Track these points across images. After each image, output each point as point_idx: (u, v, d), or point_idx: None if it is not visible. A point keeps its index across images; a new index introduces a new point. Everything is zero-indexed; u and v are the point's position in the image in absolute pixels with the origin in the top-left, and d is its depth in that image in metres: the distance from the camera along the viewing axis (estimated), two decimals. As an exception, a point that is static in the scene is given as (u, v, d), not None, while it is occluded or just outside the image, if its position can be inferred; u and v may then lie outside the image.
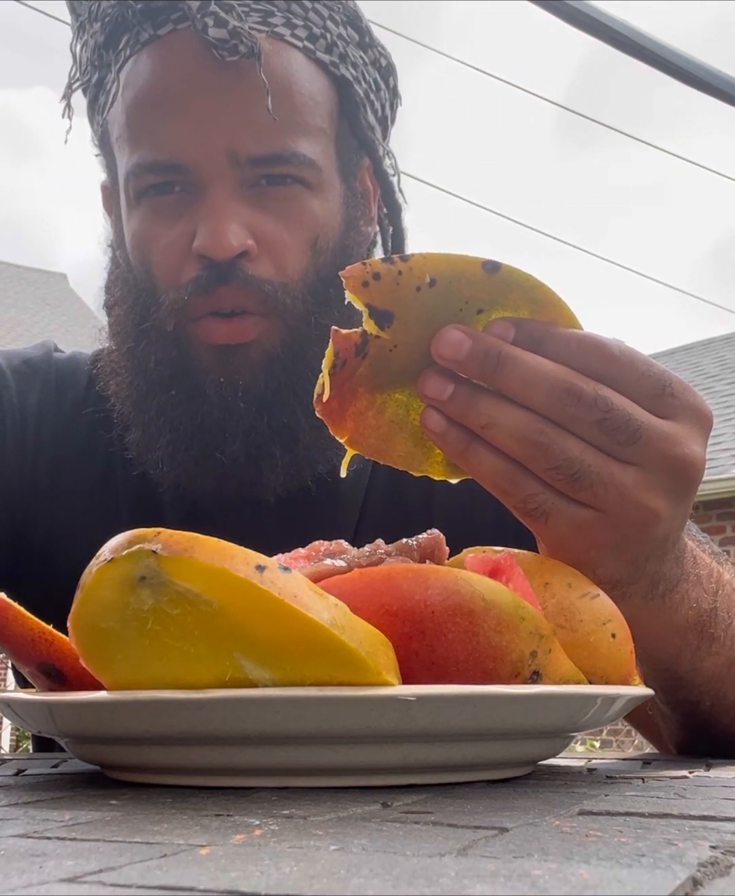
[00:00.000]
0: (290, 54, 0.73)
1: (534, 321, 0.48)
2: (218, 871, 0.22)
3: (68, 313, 14.49)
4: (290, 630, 0.35)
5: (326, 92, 0.76)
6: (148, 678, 0.36)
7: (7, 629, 0.43)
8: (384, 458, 0.51)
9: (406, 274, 0.46)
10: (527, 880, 0.21)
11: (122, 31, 0.74)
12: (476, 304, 0.47)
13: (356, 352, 0.48)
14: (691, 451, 0.48)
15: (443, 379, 0.48)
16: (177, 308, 0.72)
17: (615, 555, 0.49)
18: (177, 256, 0.72)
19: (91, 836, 0.27)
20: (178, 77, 0.72)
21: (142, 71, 0.73)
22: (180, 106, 0.71)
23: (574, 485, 0.47)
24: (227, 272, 0.70)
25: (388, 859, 0.24)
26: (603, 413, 0.46)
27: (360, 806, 0.33)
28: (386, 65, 0.80)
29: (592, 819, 0.31)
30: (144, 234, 0.74)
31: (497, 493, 0.49)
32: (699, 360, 8.84)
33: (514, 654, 0.38)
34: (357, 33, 0.77)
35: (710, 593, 0.55)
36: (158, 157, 0.72)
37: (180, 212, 0.72)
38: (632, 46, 1.82)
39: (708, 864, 0.24)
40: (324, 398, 0.48)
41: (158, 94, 0.72)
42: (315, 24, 0.74)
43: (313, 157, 0.73)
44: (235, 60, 0.70)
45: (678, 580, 0.53)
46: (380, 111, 0.80)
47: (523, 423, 0.47)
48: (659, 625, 0.54)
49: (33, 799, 0.37)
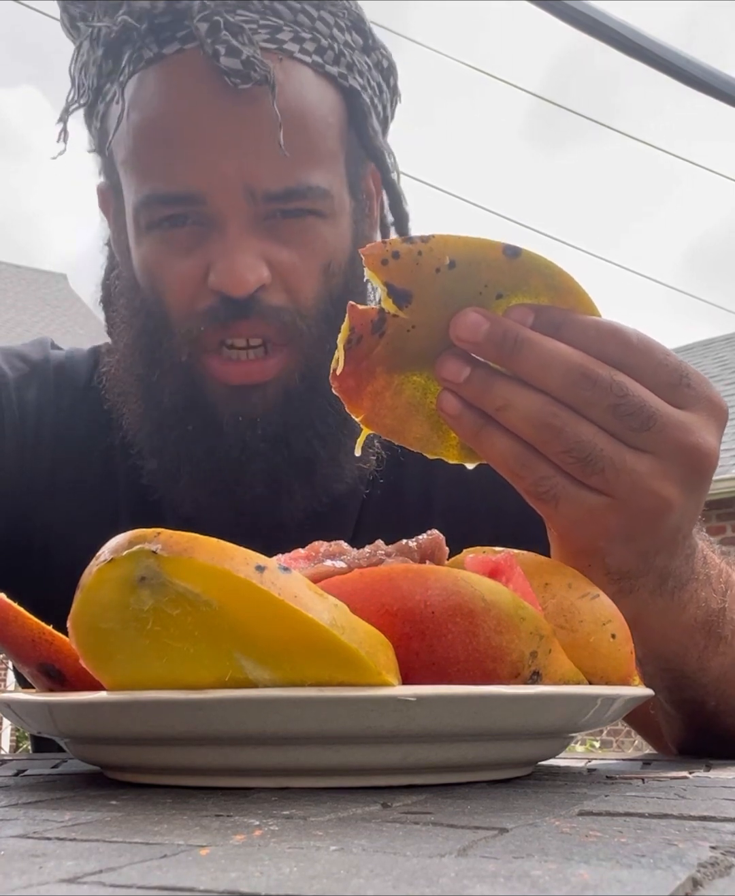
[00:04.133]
0: (300, 74, 0.72)
1: (553, 307, 0.48)
2: (218, 872, 0.22)
3: (68, 313, 14.49)
4: (290, 630, 0.35)
5: (337, 108, 0.75)
6: (148, 678, 0.36)
7: (7, 629, 0.43)
8: (399, 439, 0.51)
9: (426, 254, 0.46)
10: (527, 881, 0.21)
11: (125, 44, 0.72)
12: (495, 288, 0.47)
13: (373, 329, 0.48)
14: (705, 441, 0.48)
15: (460, 361, 0.48)
16: (192, 338, 0.71)
17: (625, 544, 0.49)
18: (191, 288, 0.71)
19: (91, 837, 0.27)
20: (188, 103, 0.70)
21: (149, 93, 0.71)
22: (193, 136, 0.70)
23: (586, 469, 0.47)
24: (245, 306, 0.70)
25: (388, 860, 0.24)
26: (618, 398, 0.46)
27: (360, 806, 0.33)
28: (387, 66, 0.79)
29: (592, 819, 0.31)
30: (156, 263, 0.73)
31: (509, 476, 0.49)
32: (699, 360, 8.84)
33: (514, 654, 0.38)
34: (361, 37, 0.77)
35: (719, 593, 0.56)
36: (172, 189, 0.71)
37: (194, 244, 0.71)
38: (631, 47, 1.82)
39: (708, 864, 0.24)
40: (337, 371, 0.48)
41: (169, 123, 0.70)
42: (322, 35, 0.73)
43: (327, 186, 0.73)
44: (248, 88, 0.68)
45: (688, 579, 0.53)
46: (382, 113, 0.80)
47: (537, 405, 0.47)
48: (667, 623, 0.54)
49: (33, 799, 0.37)
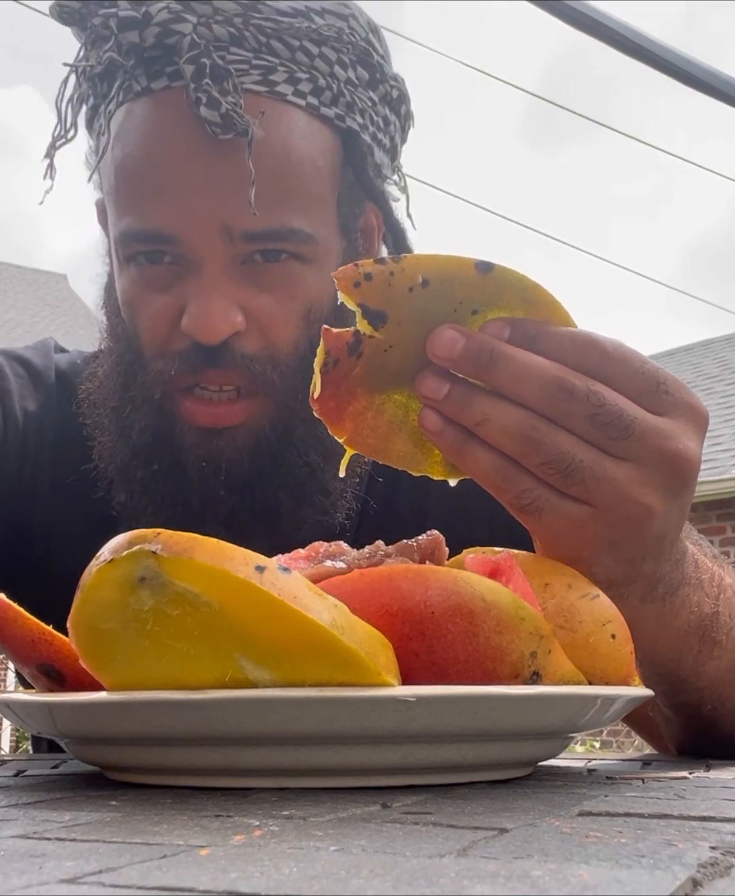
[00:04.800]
0: (290, 119, 0.71)
1: (528, 320, 0.48)
2: (218, 872, 0.22)
3: (68, 313, 14.49)
4: (290, 631, 0.35)
5: (330, 150, 0.73)
6: (148, 679, 0.36)
7: (7, 630, 0.43)
8: (383, 458, 0.51)
9: (398, 275, 0.46)
10: (527, 881, 0.21)
11: (116, 72, 0.71)
12: (470, 304, 0.48)
13: (349, 351, 0.48)
14: (685, 447, 0.48)
15: (439, 379, 0.48)
16: (163, 379, 0.71)
17: (610, 553, 0.49)
18: (164, 327, 0.71)
19: (91, 837, 0.27)
20: (168, 143, 0.69)
21: (133, 127, 0.71)
22: (172, 176, 0.69)
23: (567, 479, 0.47)
24: (215, 354, 0.69)
25: (388, 860, 0.24)
26: (595, 408, 0.46)
27: (359, 806, 0.33)
28: (397, 96, 0.77)
29: (592, 820, 0.31)
30: (134, 297, 0.73)
31: (492, 489, 0.49)
32: (699, 360, 8.85)
33: (514, 654, 0.38)
34: (367, 71, 0.74)
35: (711, 597, 0.55)
36: (147, 226, 0.70)
37: (169, 282, 0.71)
38: (631, 47, 1.82)
39: (708, 864, 0.24)
40: (315, 395, 0.48)
41: (148, 160, 0.70)
42: (321, 74, 0.71)
43: (310, 231, 0.71)
44: (229, 137, 0.67)
45: (679, 584, 0.53)
46: (389, 143, 0.78)
47: (516, 419, 0.47)
48: (660, 628, 0.54)
49: (33, 799, 0.37)
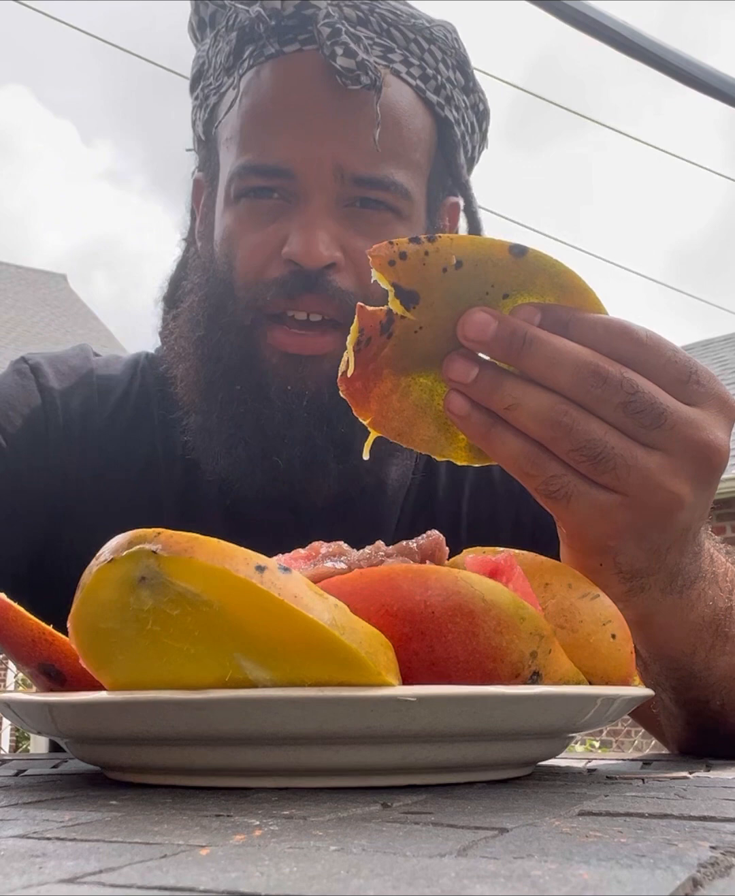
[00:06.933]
0: (403, 90, 0.77)
1: (560, 306, 0.48)
2: (218, 872, 0.22)
3: (68, 313, 14.48)
4: (291, 630, 0.35)
5: (429, 130, 0.79)
6: (148, 678, 0.36)
7: (7, 629, 0.43)
8: (407, 441, 0.51)
9: (432, 255, 0.46)
10: (527, 881, 0.21)
11: (249, 42, 0.77)
12: (502, 288, 0.47)
13: (381, 330, 0.48)
14: (716, 438, 0.48)
15: (467, 362, 0.48)
16: (258, 305, 0.74)
17: (636, 542, 0.49)
18: (264, 256, 0.74)
19: (91, 837, 0.27)
20: (297, 93, 0.75)
21: (263, 83, 0.76)
22: (296, 119, 0.74)
23: (597, 467, 0.47)
24: (314, 280, 0.73)
25: (388, 860, 0.24)
26: (628, 395, 0.46)
27: (360, 806, 0.33)
28: (483, 109, 0.84)
29: (592, 819, 0.31)
30: (236, 231, 0.76)
31: (519, 475, 0.49)
32: (699, 360, 8.84)
33: (514, 654, 0.38)
34: (464, 78, 0.81)
35: (725, 592, 0.56)
36: (267, 160, 0.75)
37: (275, 216, 0.75)
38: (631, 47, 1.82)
39: (708, 864, 0.24)
40: (348, 374, 0.48)
41: (276, 106, 0.75)
42: (428, 65, 0.79)
43: (409, 188, 0.76)
44: (356, 90, 0.73)
45: (696, 577, 0.53)
46: (470, 152, 0.84)
47: (547, 404, 0.47)
48: (676, 621, 0.54)
49: (33, 799, 0.37)
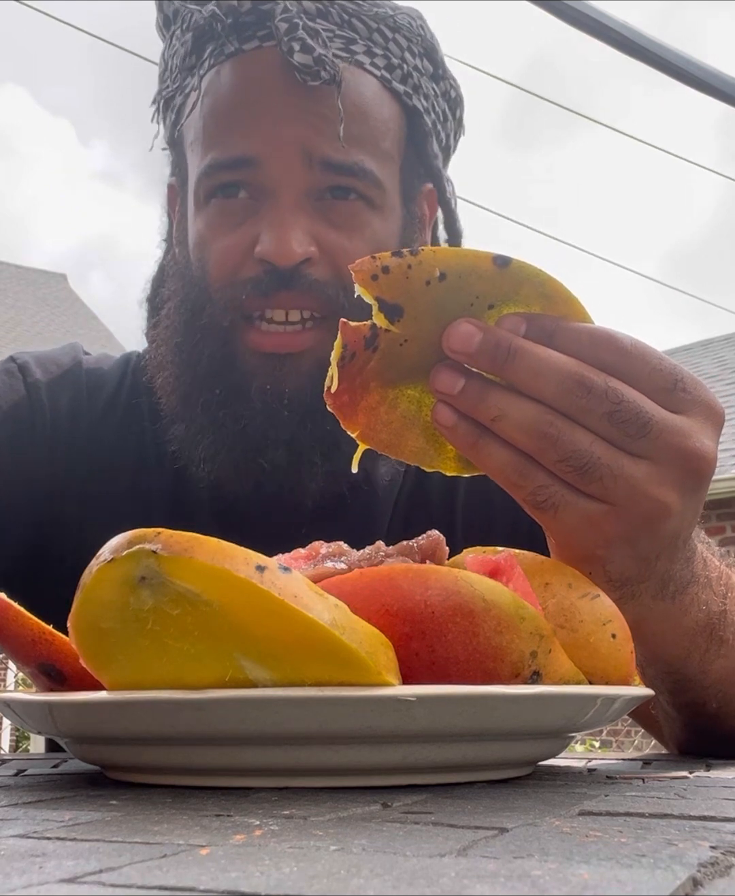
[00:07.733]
0: (367, 81, 0.77)
1: (545, 316, 0.48)
2: (218, 872, 0.22)
3: (68, 313, 14.48)
4: (291, 630, 0.35)
5: (398, 120, 0.79)
6: (148, 678, 0.36)
7: (7, 629, 0.43)
8: (396, 453, 0.51)
9: (416, 268, 0.46)
10: (527, 880, 0.21)
11: (209, 41, 0.76)
12: (487, 299, 0.47)
13: (366, 345, 0.48)
14: (702, 445, 0.48)
15: (454, 373, 0.48)
16: (233, 306, 0.74)
17: (625, 550, 0.49)
18: (236, 256, 0.74)
19: (91, 837, 0.27)
20: (258, 90, 0.74)
21: (224, 82, 0.76)
22: (259, 111, 0.74)
23: (583, 477, 0.47)
24: (289, 277, 0.72)
25: (388, 860, 0.24)
26: (613, 405, 0.46)
27: (360, 806, 0.33)
28: (455, 96, 0.83)
29: (592, 819, 0.31)
30: (207, 235, 0.76)
31: (507, 486, 0.49)
32: (699, 360, 8.84)
33: (515, 654, 0.38)
34: (432, 65, 0.80)
35: (719, 596, 0.55)
36: (232, 153, 0.74)
37: (246, 216, 0.74)
38: (631, 47, 1.82)
39: (708, 864, 0.24)
40: (332, 390, 0.48)
41: (238, 102, 0.75)
42: (393, 55, 0.78)
43: (380, 177, 0.76)
44: (316, 86, 0.72)
45: (689, 582, 0.53)
46: (444, 141, 0.83)
47: (533, 414, 0.47)
48: (669, 627, 0.54)
49: (33, 799, 0.37)
